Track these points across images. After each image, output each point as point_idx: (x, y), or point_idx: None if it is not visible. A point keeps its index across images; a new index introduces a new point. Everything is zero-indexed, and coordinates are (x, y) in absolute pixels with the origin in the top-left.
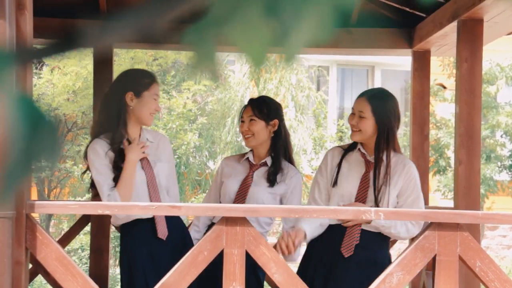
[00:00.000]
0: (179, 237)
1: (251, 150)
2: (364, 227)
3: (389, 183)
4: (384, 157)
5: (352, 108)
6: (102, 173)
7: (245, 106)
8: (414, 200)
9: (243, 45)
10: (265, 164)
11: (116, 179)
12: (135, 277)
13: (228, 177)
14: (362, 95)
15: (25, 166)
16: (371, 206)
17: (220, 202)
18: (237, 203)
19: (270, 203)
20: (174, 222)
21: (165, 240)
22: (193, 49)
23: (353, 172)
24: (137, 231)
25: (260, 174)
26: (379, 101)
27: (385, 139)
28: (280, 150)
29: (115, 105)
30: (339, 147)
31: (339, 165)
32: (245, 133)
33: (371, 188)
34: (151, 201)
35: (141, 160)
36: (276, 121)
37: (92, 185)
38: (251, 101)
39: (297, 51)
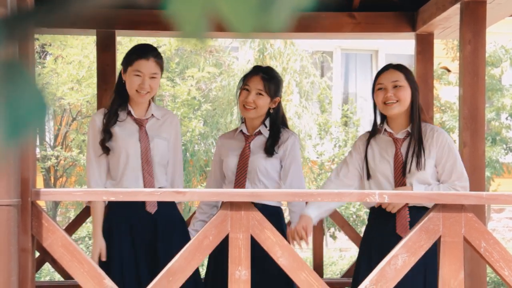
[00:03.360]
0: (167, 213)
1: (243, 122)
2: (410, 204)
3: (424, 153)
4: (416, 128)
5: (379, 84)
6: (93, 158)
7: (252, 74)
8: (452, 165)
9: (229, 11)
10: (259, 133)
11: (102, 142)
12: (111, 248)
13: (226, 155)
14: (386, 68)
15: (13, 127)
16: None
17: (225, 181)
18: (239, 175)
19: (271, 169)
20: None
21: (153, 214)
22: (179, 18)
23: (384, 154)
24: (123, 203)
25: (256, 144)
26: (407, 70)
27: (418, 109)
28: (279, 125)
29: (117, 79)
30: (366, 133)
31: (366, 154)
32: (248, 104)
33: (409, 164)
34: (143, 173)
35: (140, 132)
36: (278, 99)
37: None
38: (261, 72)
39: (284, 18)
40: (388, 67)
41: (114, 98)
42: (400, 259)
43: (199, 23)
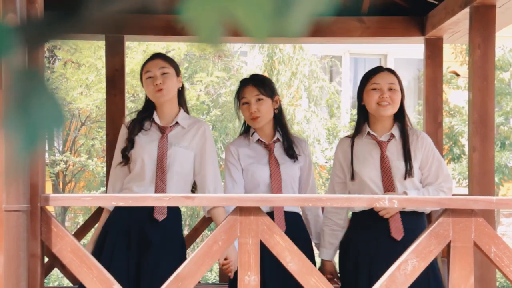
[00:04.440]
0: (167, 236)
1: (254, 131)
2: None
3: (410, 155)
4: (403, 131)
5: (375, 83)
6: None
7: (243, 87)
8: (437, 167)
9: (245, 17)
10: (277, 140)
11: (123, 151)
12: (104, 248)
13: (250, 163)
14: (380, 69)
15: (31, 135)
16: (402, 184)
17: (249, 189)
18: (275, 185)
19: (298, 175)
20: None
21: (160, 222)
22: (194, 24)
23: (367, 156)
24: (130, 208)
25: (278, 152)
26: (397, 75)
27: (404, 112)
28: (286, 125)
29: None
30: (346, 138)
31: (351, 157)
32: (254, 114)
33: (394, 167)
34: (156, 180)
35: (160, 139)
36: (277, 97)
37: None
38: (252, 80)
39: (301, 23)
40: (381, 69)
41: (140, 110)
42: (410, 264)
43: (215, 28)
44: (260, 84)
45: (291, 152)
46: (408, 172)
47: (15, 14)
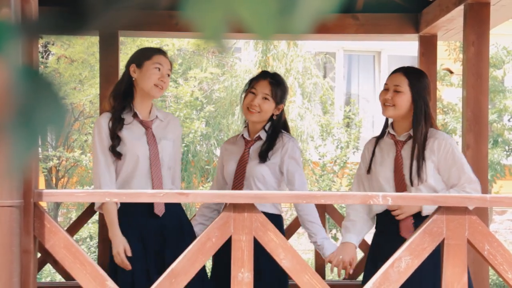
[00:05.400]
0: (175, 219)
1: (245, 126)
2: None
3: (425, 160)
4: (419, 134)
5: (385, 84)
6: (101, 159)
7: (259, 78)
8: (459, 169)
9: (249, 16)
10: (258, 138)
11: (112, 148)
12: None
13: (227, 160)
14: (397, 70)
15: (33, 135)
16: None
17: (226, 187)
18: (236, 181)
19: (269, 176)
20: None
21: (160, 216)
22: (198, 22)
23: (385, 156)
24: (131, 208)
25: (255, 149)
26: (415, 76)
27: (423, 115)
28: (278, 132)
29: (122, 79)
30: (373, 138)
31: (373, 153)
32: (253, 107)
33: (407, 167)
34: (152, 176)
35: (147, 135)
36: (282, 106)
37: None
38: (269, 77)
39: (306, 23)
40: (399, 70)
41: (119, 100)
42: (403, 261)
43: (219, 27)
44: (275, 85)
45: (263, 154)
46: (416, 173)
47: (9, 10)
